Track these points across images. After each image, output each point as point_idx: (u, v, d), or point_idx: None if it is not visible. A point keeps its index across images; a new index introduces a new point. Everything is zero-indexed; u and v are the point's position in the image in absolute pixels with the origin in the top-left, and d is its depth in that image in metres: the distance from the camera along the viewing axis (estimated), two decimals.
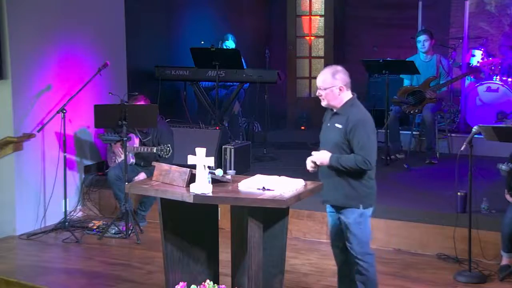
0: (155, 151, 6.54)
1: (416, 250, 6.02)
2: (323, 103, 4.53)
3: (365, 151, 4.40)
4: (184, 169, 4.41)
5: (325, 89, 4.44)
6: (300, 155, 8.61)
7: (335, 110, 4.52)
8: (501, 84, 8.56)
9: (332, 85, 4.43)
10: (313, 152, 4.54)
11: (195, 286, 4.10)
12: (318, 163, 4.50)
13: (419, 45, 8.21)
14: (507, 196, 5.48)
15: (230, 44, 9.15)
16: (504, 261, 5.41)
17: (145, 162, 6.89)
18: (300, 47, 10.97)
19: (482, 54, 9.03)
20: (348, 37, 11.44)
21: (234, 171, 5.09)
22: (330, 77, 4.44)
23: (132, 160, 6.89)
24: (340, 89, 4.44)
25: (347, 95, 4.49)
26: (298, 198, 4.34)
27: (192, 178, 4.33)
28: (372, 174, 4.56)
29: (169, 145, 6.53)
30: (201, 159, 4.26)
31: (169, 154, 6.52)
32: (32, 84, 6.78)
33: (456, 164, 5.34)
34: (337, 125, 4.46)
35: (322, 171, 4.56)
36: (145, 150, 6.71)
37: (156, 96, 8.18)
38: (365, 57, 8.77)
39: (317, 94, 4.53)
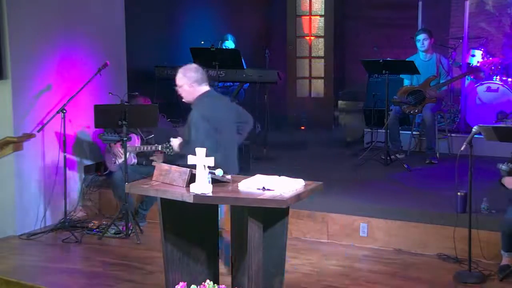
0: (160, 149, 6.45)
1: (416, 250, 6.02)
2: (184, 99, 5.11)
3: (197, 144, 4.75)
4: (184, 169, 4.41)
5: (180, 86, 5.04)
6: (300, 155, 8.77)
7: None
8: (501, 84, 8.56)
9: (183, 83, 5.01)
10: (171, 139, 5.31)
11: (195, 286, 4.09)
12: (175, 149, 5.21)
13: (418, 44, 8.22)
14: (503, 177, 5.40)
15: (229, 44, 9.16)
16: (504, 261, 5.41)
17: (147, 161, 6.87)
18: (300, 47, 10.97)
19: (482, 54, 9.03)
20: (348, 37, 11.45)
21: None
22: (181, 76, 5.03)
23: (134, 161, 6.88)
24: (191, 86, 5.00)
25: (200, 90, 5.03)
26: (298, 198, 4.34)
27: (192, 178, 4.33)
28: (217, 163, 4.69)
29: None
30: (201, 159, 4.26)
31: (174, 151, 6.50)
32: (32, 84, 6.78)
33: (456, 164, 5.34)
34: (188, 119, 5.04)
35: None
36: (149, 148, 6.63)
37: (156, 96, 8.18)
38: (365, 57, 8.77)
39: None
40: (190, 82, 5.00)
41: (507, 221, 5.31)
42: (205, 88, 5.07)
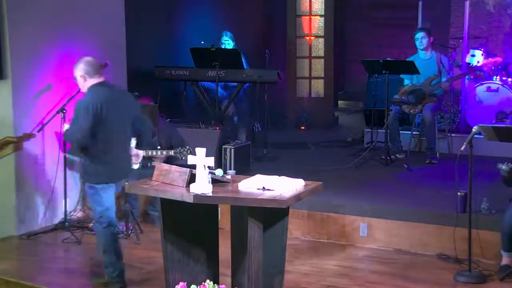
0: (172, 154, 6.30)
1: (416, 250, 6.02)
2: (81, 91, 5.25)
3: (76, 130, 5.03)
4: (184, 169, 4.42)
5: (75, 78, 5.20)
6: (300, 155, 8.77)
7: None
8: (501, 84, 8.56)
9: (76, 75, 5.17)
10: None
11: (195, 286, 4.09)
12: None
13: (417, 43, 8.24)
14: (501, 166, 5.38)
15: (226, 40, 9.11)
16: (504, 260, 5.41)
17: (151, 164, 6.79)
18: (300, 47, 10.97)
19: (482, 54, 9.03)
20: (348, 37, 11.45)
21: (234, 171, 5.09)
22: (74, 68, 5.18)
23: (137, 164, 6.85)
24: (81, 77, 5.13)
25: (91, 82, 5.13)
26: (298, 198, 4.35)
27: (192, 178, 4.33)
28: (97, 155, 5.06)
29: (187, 147, 6.29)
30: (201, 159, 4.26)
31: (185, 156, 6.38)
32: (32, 84, 6.78)
33: (456, 164, 5.34)
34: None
35: None
36: (160, 153, 6.31)
37: (156, 96, 8.18)
38: (365, 57, 8.78)
39: None
40: (81, 74, 5.11)
41: (507, 221, 5.31)
42: (97, 79, 5.14)
